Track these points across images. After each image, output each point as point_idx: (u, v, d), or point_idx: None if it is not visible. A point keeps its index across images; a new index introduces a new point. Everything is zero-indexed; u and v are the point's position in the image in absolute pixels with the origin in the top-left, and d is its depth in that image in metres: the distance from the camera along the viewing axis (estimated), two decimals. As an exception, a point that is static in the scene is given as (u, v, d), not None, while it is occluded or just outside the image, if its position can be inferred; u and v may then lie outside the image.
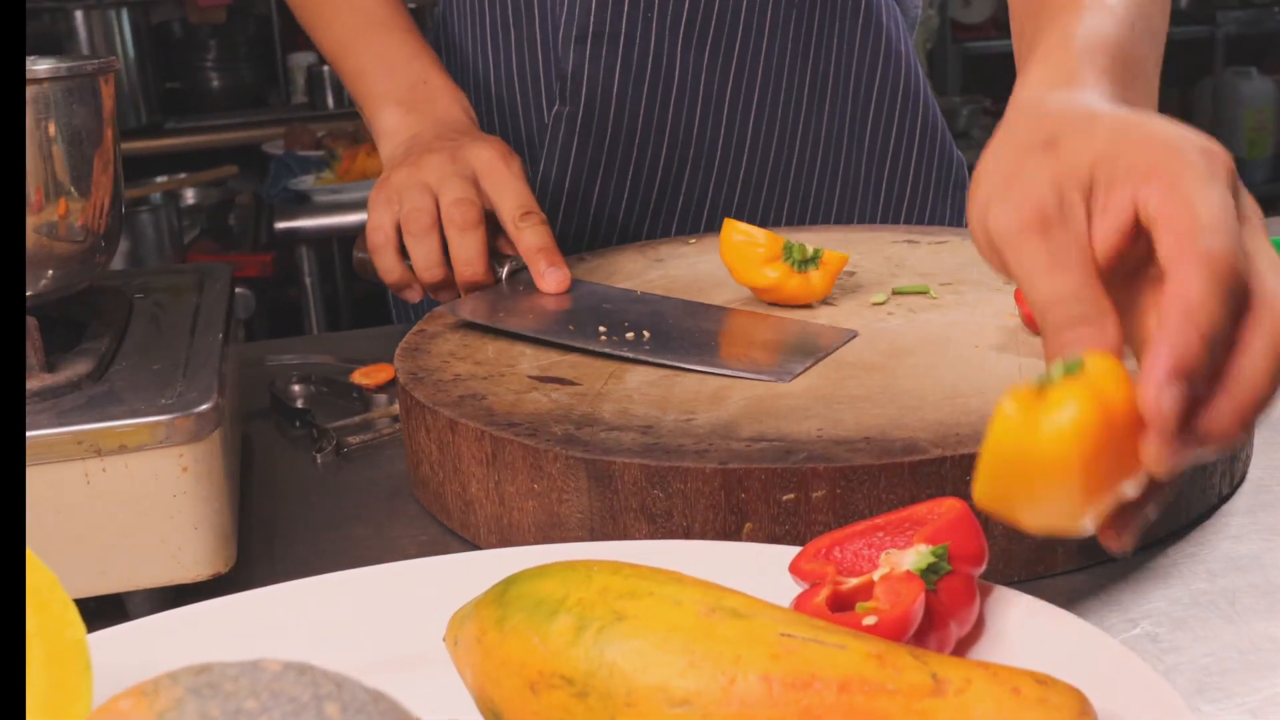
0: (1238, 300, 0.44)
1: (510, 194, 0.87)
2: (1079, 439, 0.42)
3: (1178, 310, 0.43)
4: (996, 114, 3.21)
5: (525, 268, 0.89)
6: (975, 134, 2.64)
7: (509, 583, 0.47)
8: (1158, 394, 0.42)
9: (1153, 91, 0.59)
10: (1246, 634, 0.57)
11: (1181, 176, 0.46)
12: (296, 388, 0.92)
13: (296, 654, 0.51)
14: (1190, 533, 0.66)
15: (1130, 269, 0.49)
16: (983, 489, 0.45)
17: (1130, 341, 0.49)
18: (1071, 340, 0.46)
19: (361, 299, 3.11)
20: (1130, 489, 0.45)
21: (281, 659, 0.32)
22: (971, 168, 0.60)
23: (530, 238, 0.86)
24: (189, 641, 0.52)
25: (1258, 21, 3.47)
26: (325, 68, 3.50)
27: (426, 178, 0.87)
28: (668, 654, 0.43)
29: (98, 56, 0.69)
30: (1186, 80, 3.81)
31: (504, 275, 0.87)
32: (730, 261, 0.83)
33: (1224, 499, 0.69)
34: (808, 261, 0.81)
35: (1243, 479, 0.72)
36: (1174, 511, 0.65)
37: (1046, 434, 0.43)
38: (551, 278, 0.85)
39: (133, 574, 0.59)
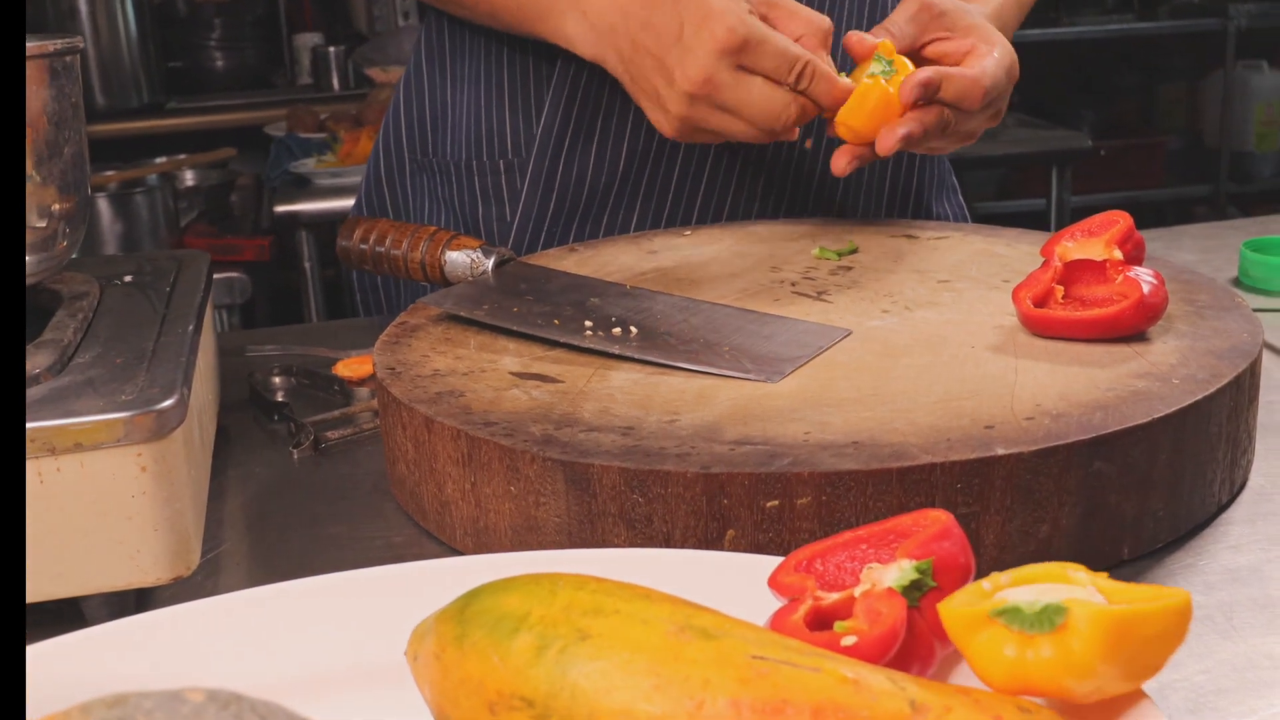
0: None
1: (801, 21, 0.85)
2: None
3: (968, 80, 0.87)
4: (1019, 107, 3.17)
5: (513, 259, 0.87)
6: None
7: (470, 597, 0.45)
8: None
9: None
10: (1244, 651, 0.55)
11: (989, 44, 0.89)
12: (277, 380, 0.90)
13: (255, 666, 0.50)
14: (1188, 542, 0.64)
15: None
16: None
17: None
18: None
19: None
20: None
21: (206, 687, 0.30)
22: (990, 159, 1.43)
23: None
24: (144, 651, 0.50)
25: (1269, 15, 3.42)
26: (331, 48, 3.47)
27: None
28: (633, 676, 0.41)
29: (67, 35, 0.67)
30: (1197, 73, 3.76)
31: (490, 267, 0.85)
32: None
33: (1223, 507, 0.67)
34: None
35: (1243, 486, 0.69)
36: (1172, 521, 0.63)
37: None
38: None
39: (89, 577, 0.57)
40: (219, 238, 2.41)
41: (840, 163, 0.87)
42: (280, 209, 2.41)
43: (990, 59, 0.87)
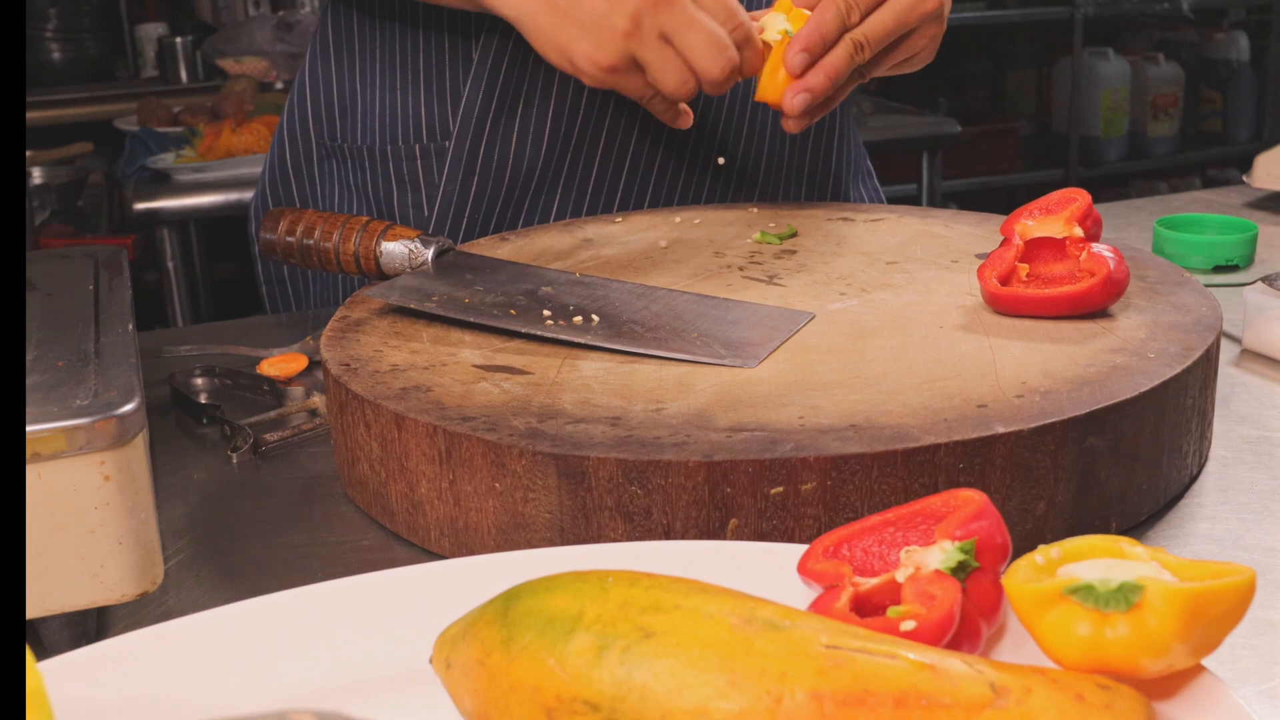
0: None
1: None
2: None
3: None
4: (875, 94, 3.22)
5: (452, 248, 0.83)
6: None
7: (511, 598, 0.42)
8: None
9: None
10: (1246, 619, 0.56)
11: None
12: (199, 381, 0.85)
13: (257, 682, 0.46)
14: (1167, 514, 0.65)
15: None
16: None
17: None
18: None
19: (222, 282, 2.97)
20: None
21: (312, 708, 0.27)
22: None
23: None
24: (126, 675, 0.46)
25: (1115, 4, 3.55)
26: (178, 39, 3.34)
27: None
28: (705, 673, 0.39)
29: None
30: (1046, 60, 3.89)
31: (430, 257, 0.82)
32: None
33: (1193, 479, 0.68)
34: None
35: (1207, 458, 0.70)
36: (1153, 493, 0.64)
37: None
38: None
39: (48, 597, 0.52)
40: (77, 237, 2.29)
41: (790, 123, 0.86)
42: (140, 206, 2.30)
43: None
